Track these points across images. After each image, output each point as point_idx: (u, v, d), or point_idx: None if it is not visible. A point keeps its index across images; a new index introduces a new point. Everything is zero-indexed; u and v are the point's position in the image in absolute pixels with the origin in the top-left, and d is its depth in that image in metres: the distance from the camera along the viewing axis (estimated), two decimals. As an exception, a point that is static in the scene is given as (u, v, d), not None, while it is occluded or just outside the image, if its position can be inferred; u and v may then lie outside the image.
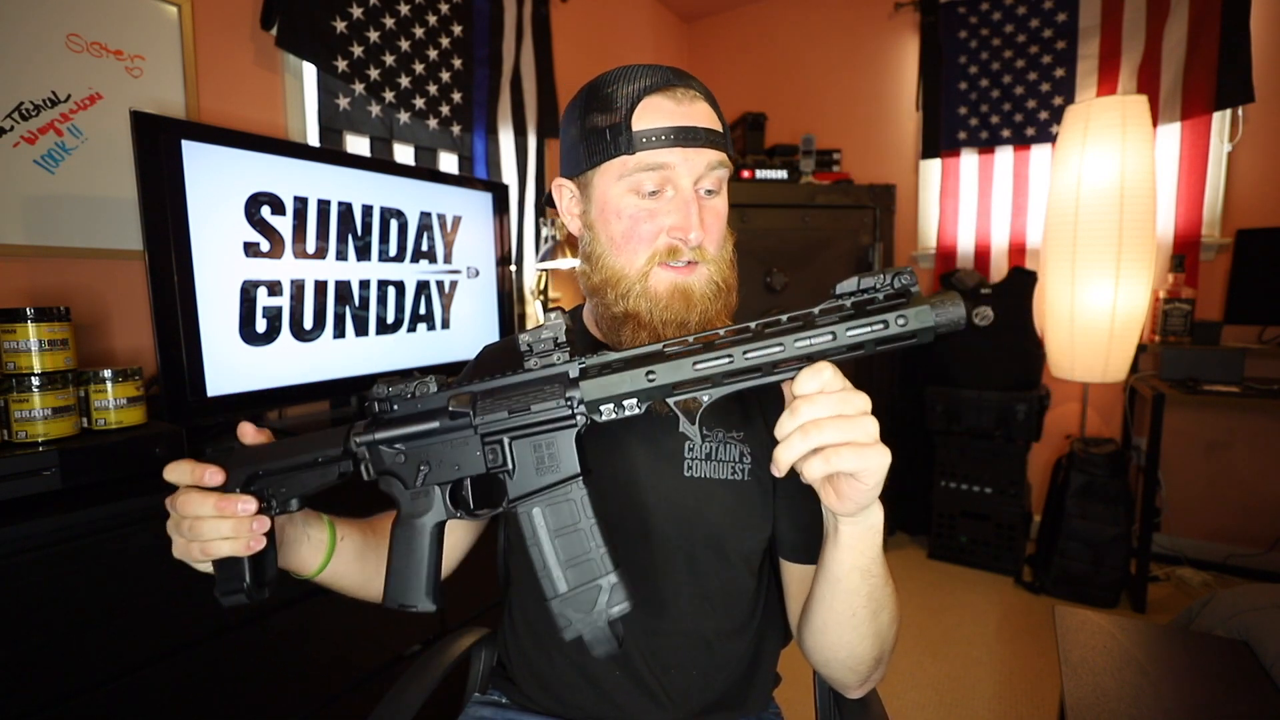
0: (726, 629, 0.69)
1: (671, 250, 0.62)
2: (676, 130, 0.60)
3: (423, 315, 1.59)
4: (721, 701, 0.70)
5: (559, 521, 0.51)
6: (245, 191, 1.21)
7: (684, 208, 0.61)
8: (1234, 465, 2.31)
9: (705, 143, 0.61)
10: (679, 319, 0.62)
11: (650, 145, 0.60)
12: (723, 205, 0.66)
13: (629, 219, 0.62)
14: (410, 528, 0.55)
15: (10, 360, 0.92)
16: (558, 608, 0.50)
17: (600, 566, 0.50)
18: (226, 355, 1.19)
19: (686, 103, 0.61)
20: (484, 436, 0.52)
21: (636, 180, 0.61)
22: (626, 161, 0.61)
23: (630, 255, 0.63)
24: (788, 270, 2.35)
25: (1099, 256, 2.03)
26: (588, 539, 0.50)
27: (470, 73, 2.04)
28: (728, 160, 0.64)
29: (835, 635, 0.57)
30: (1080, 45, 2.44)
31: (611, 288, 0.64)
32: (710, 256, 0.64)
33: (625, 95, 0.61)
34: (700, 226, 0.61)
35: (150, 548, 0.91)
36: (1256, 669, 1.05)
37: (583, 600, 0.50)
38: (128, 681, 0.90)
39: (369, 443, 0.54)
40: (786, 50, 3.08)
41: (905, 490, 2.65)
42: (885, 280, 0.45)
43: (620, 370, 0.48)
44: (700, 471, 0.67)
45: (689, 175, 0.61)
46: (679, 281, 0.62)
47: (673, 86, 0.61)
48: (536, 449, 0.51)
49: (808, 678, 0.76)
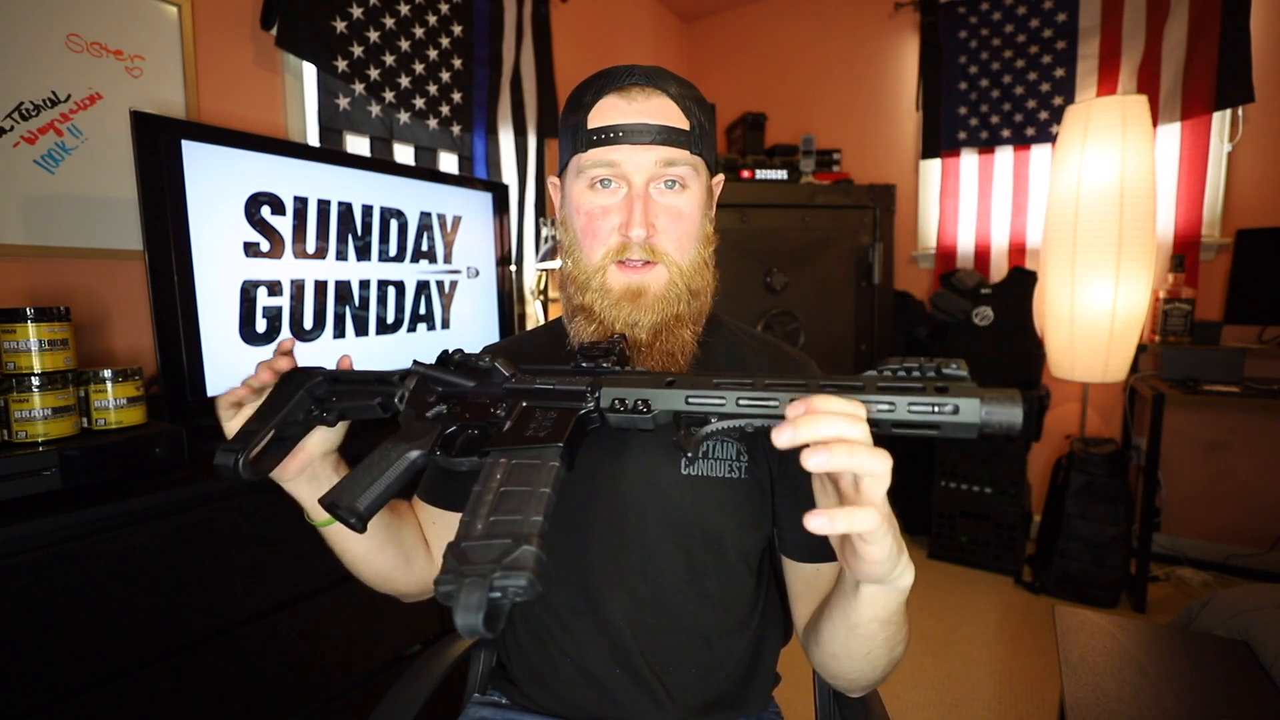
0: (726, 627, 0.69)
1: (622, 247, 0.63)
2: (625, 128, 0.61)
3: (423, 315, 1.59)
4: (721, 700, 0.70)
5: (517, 479, 0.45)
6: (245, 191, 1.21)
7: (627, 204, 0.62)
8: (1234, 465, 2.31)
9: (656, 139, 0.61)
10: (628, 318, 0.63)
11: (600, 143, 0.62)
12: (687, 204, 0.64)
13: (585, 215, 0.64)
14: (393, 448, 0.55)
15: (10, 360, 0.92)
16: (449, 553, 0.40)
17: (525, 528, 0.40)
18: (227, 355, 1.19)
19: (641, 100, 0.62)
20: (506, 393, 0.54)
21: (590, 177, 0.63)
22: (581, 159, 0.63)
23: (589, 251, 0.65)
24: (788, 270, 2.35)
25: (1099, 256, 2.03)
26: (532, 503, 0.42)
27: (470, 73, 2.04)
28: (692, 158, 0.64)
29: (846, 664, 0.57)
30: (1080, 45, 2.44)
31: (573, 282, 0.66)
32: (669, 258, 0.64)
33: (589, 96, 0.63)
34: (645, 224, 0.61)
35: (150, 548, 0.91)
36: (1256, 669, 1.05)
37: (480, 553, 0.40)
38: (128, 681, 0.90)
39: (419, 371, 0.58)
40: (786, 50, 3.08)
41: (905, 490, 2.65)
42: (932, 365, 0.41)
43: (626, 384, 0.49)
44: (698, 469, 0.67)
45: (637, 172, 0.62)
46: (632, 281, 0.63)
47: (630, 86, 0.62)
48: (542, 415, 0.50)
49: (808, 678, 0.76)
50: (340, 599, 1.16)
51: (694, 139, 0.64)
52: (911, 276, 2.84)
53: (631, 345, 0.64)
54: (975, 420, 0.38)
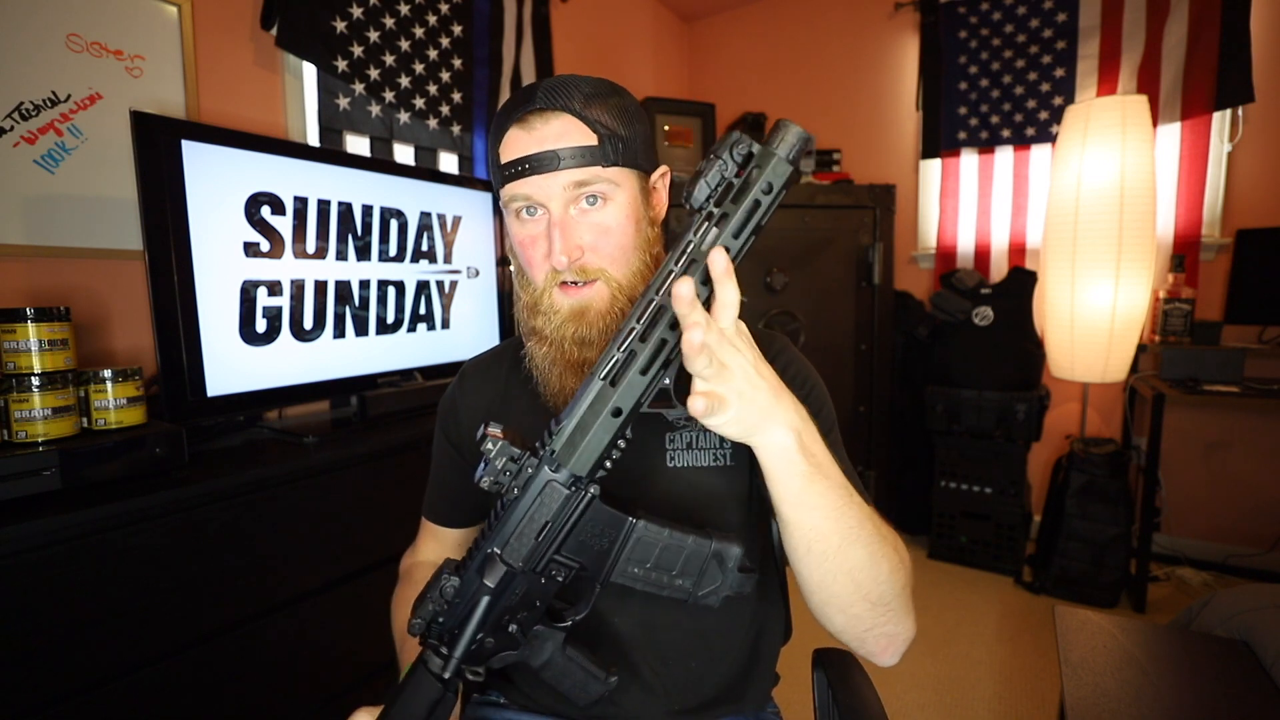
0: (722, 622, 0.69)
1: (555, 272, 0.64)
2: (529, 159, 0.60)
3: (423, 315, 1.59)
4: (720, 696, 0.70)
5: (645, 556, 0.53)
6: (245, 191, 1.21)
7: (546, 235, 0.63)
8: (1234, 465, 2.31)
9: (563, 164, 0.60)
10: (575, 336, 0.64)
11: (511, 177, 0.62)
12: (614, 216, 0.63)
13: (520, 247, 0.66)
14: (550, 667, 0.56)
15: (10, 360, 0.92)
16: (696, 600, 0.53)
17: (701, 551, 0.52)
18: (226, 355, 1.19)
19: (540, 127, 0.61)
20: (535, 569, 0.52)
21: (514, 209, 0.65)
22: (503, 193, 0.64)
23: (533, 279, 0.66)
24: (788, 270, 2.35)
25: (1099, 256, 2.03)
26: (675, 545, 0.53)
27: (470, 73, 2.04)
28: (605, 171, 0.61)
29: (803, 575, 0.56)
30: (1080, 45, 2.44)
31: (525, 306, 0.68)
32: (606, 273, 0.63)
33: (498, 130, 0.64)
34: (567, 250, 0.61)
35: (150, 548, 0.91)
36: (1256, 669, 1.05)
37: (709, 578, 0.53)
38: (128, 681, 0.90)
39: (460, 658, 0.53)
40: (786, 50, 3.08)
41: (905, 490, 2.66)
42: (728, 164, 0.46)
43: (585, 429, 0.49)
44: (683, 461, 0.68)
45: (551, 200, 0.61)
46: (575, 302, 0.64)
47: (527, 115, 0.61)
48: (582, 535, 0.52)
49: (807, 678, 0.76)
50: (340, 599, 1.16)
51: (605, 152, 0.61)
52: (911, 276, 2.84)
53: (579, 363, 0.65)
54: (788, 170, 0.45)
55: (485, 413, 0.75)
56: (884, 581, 0.55)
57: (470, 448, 0.76)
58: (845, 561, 0.53)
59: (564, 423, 0.49)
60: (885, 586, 0.55)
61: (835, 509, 0.52)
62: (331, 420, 1.46)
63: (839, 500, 0.53)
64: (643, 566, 0.53)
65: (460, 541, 0.81)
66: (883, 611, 0.56)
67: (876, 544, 0.55)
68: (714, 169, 0.45)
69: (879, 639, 0.58)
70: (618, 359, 0.48)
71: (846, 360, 2.42)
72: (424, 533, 0.82)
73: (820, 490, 0.52)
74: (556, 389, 0.67)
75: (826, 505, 0.52)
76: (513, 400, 0.75)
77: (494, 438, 0.50)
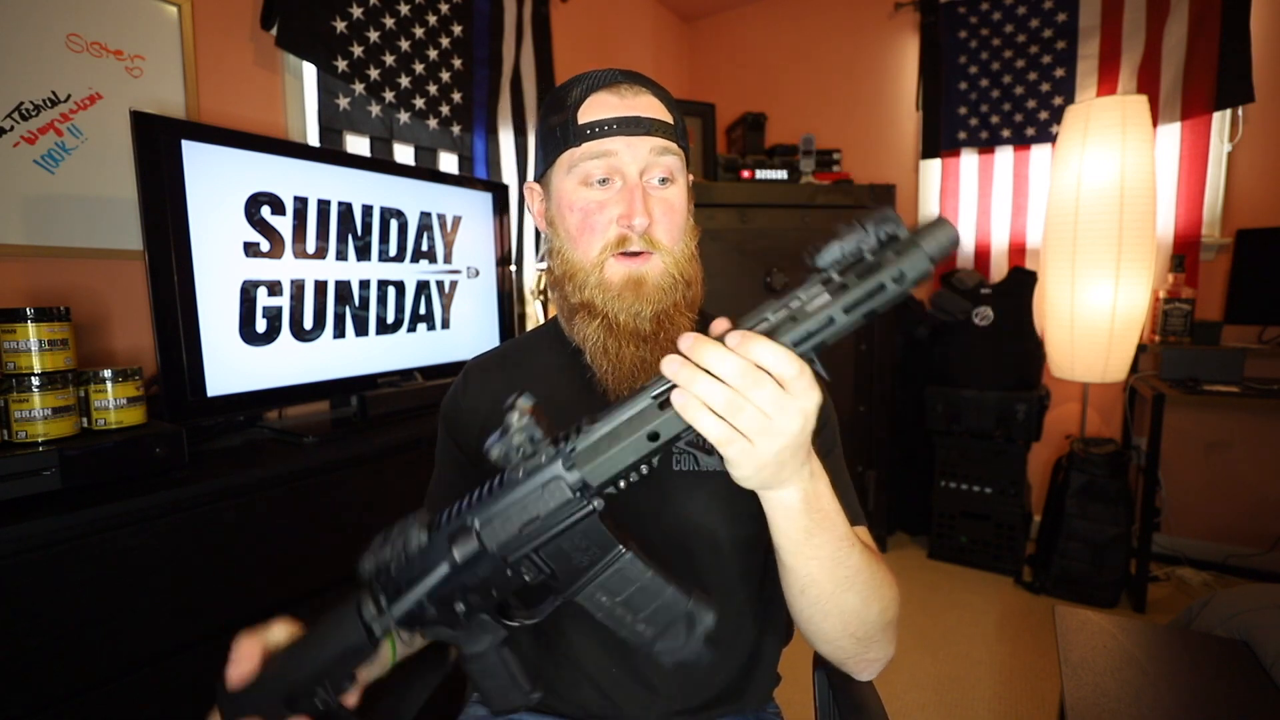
0: (725, 622, 0.69)
1: (621, 239, 0.63)
2: (619, 120, 0.62)
3: (423, 315, 1.59)
4: (721, 696, 0.70)
5: (619, 589, 0.49)
6: (245, 191, 1.21)
7: (629, 195, 0.63)
8: (1234, 465, 2.31)
9: (649, 130, 0.63)
10: (631, 309, 0.64)
11: (594, 135, 0.63)
12: (677, 197, 0.66)
13: (580, 211, 0.65)
14: (480, 659, 0.53)
15: (10, 360, 0.92)
16: (648, 650, 0.49)
17: (675, 606, 0.48)
18: (226, 355, 1.19)
19: (630, 96, 0.64)
20: (506, 558, 0.48)
21: (584, 170, 0.64)
22: (574, 153, 0.64)
23: (585, 247, 0.65)
24: (788, 270, 2.35)
25: (1099, 256, 2.03)
26: (653, 589, 0.49)
27: (470, 73, 2.04)
28: (678, 149, 0.66)
29: (794, 609, 0.57)
30: (1080, 45, 2.44)
31: (570, 280, 0.66)
32: (665, 247, 0.65)
33: (574, 95, 0.65)
34: (646, 214, 0.62)
35: (150, 548, 0.91)
36: (1256, 669, 1.05)
37: (672, 635, 0.49)
38: (128, 681, 0.90)
39: (397, 618, 0.51)
40: (786, 50, 3.08)
41: (905, 490, 2.66)
42: (869, 237, 0.42)
43: (615, 441, 0.45)
44: (688, 464, 0.67)
45: (634, 162, 0.63)
46: (632, 271, 0.64)
47: (617, 84, 0.64)
48: (565, 544, 0.48)
49: (807, 678, 0.76)
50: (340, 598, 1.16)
51: (678, 131, 0.66)
52: (911, 276, 2.84)
53: (634, 335, 0.64)
54: (927, 267, 0.40)
55: (489, 413, 0.74)
56: (872, 621, 0.57)
57: (471, 446, 0.75)
58: (837, 605, 0.55)
59: (596, 426, 0.45)
60: (873, 625, 0.57)
61: (833, 559, 0.53)
62: (331, 420, 1.46)
63: (838, 551, 0.53)
64: (612, 598, 0.49)
65: None
66: (867, 645, 0.58)
67: (870, 590, 0.55)
68: (853, 238, 0.41)
69: (859, 663, 0.61)
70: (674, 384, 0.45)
71: (846, 360, 2.42)
72: None
73: (820, 543, 0.52)
74: (615, 360, 0.65)
75: (824, 556, 0.52)
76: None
77: (522, 411, 0.47)
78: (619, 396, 0.66)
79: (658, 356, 0.64)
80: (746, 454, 0.43)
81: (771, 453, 0.43)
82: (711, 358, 0.42)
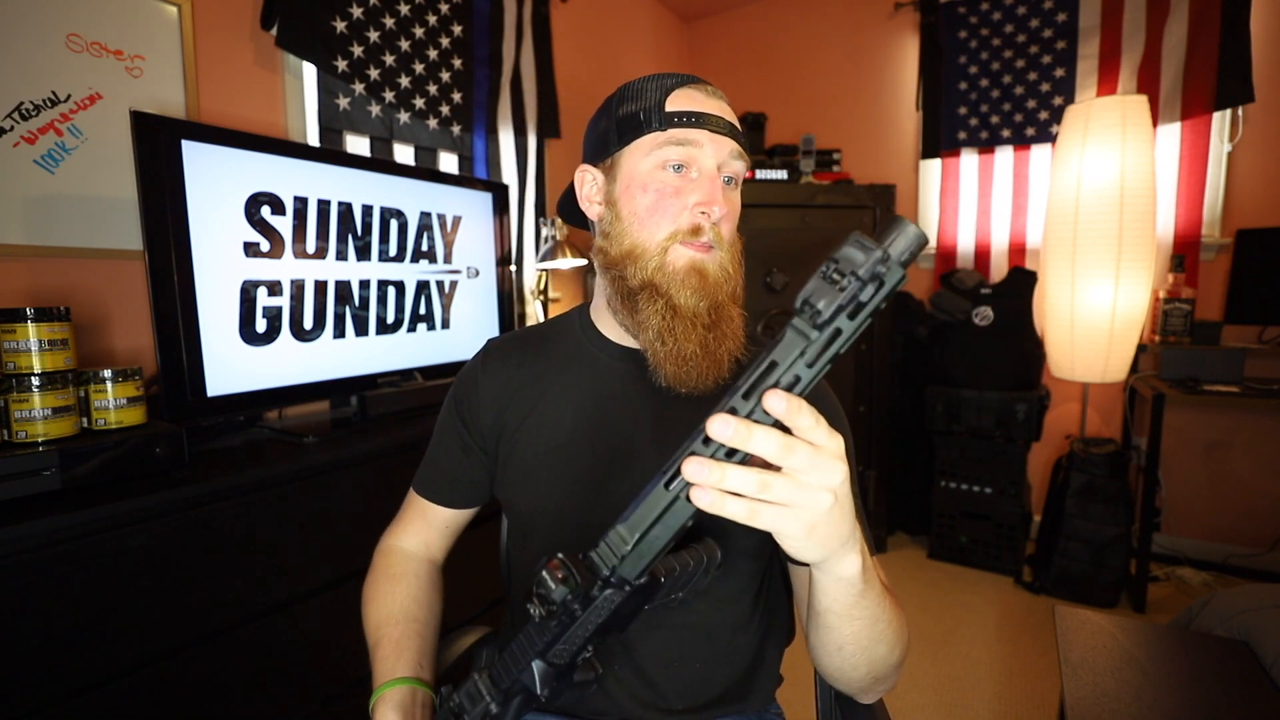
0: (728, 624, 0.69)
1: (695, 229, 0.64)
2: (706, 115, 0.64)
3: (423, 315, 1.59)
4: (724, 697, 0.70)
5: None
6: (245, 191, 1.21)
7: (709, 183, 0.64)
8: (1234, 465, 2.31)
9: (729, 132, 0.65)
10: (694, 295, 0.64)
11: (683, 124, 0.64)
12: (738, 201, 0.69)
13: (655, 193, 0.65)
14: None
15: (10, 360, 0.92)
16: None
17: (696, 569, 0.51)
18: (226, 355, 1.19)
19: (715, 99, 0.67)
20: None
21: (666, 155, 0.65)
22: (658, 137, 0.65)
23: (654, 229, 0.65)
24: (788, 270, 2.35)
25: (1099, 256, 2.03)
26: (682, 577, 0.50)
27: (470, 73, 2.04)
28: (746, 158, 0.68)
29: (824, 658, 0.57)
30: (1080, 45, 2.44)
31: (631, 261, 0.66)
32: (725, 243, 0.66)
33: (658, 86, 0.66)
34: (723, 202, 0.64)
35: (150, 548, 0.91)
36: (1256, 669, 1.05)
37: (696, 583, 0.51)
38: (127, 681, 0.90)
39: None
40: (786, 50, 3.08)
41: (905, 490, 2.66)
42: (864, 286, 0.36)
43: (651, 546, 0.43)
44: None
45: (714, 157, 0.65)
46: (696, 259, 0.64)
47: (703, 84, 0.67)
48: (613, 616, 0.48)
49: (809, 678, 0.76)
50: (340, 598, 1.16)
51: (745, 142, 0.69)
52: (912, 276, 2.84)
53: (695, 320, 0.64)
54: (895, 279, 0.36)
55: (506, 402, 0.73)
56: (892, 664, 0.57)
57: (480, 429, 0.75)
58: (867, 657, 0.55)
59: (630, 542, 0.43)
60: (891, 667, 0.58)
61: (873, 617, 0.52)
62: (331, 420, 1.46)
63: (877, 608, 0.52)
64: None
65: (448, 522, 0.78)
66: (880, 681, 0.59)
67: (895, 637, 0.56)
68: (850, 291, 0.36)
69: (866, 694, 0.62)
70: None
71: (846, 360, 2.42)
72: (410, 509, 0.79)
73: (866, 604, 0.50)
74: (678, 342, 0.63)
75: (868, 615, 0.51)
76: (546, 385, 0.72)
77: (554, 572, 0.45)
78: (676, 383, 0.65)
79: (715, 344, 0.65)
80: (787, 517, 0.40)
81: (823, 511, 0.40)
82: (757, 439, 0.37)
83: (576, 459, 0.68)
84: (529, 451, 0.70)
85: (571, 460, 0.69)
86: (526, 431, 0.71)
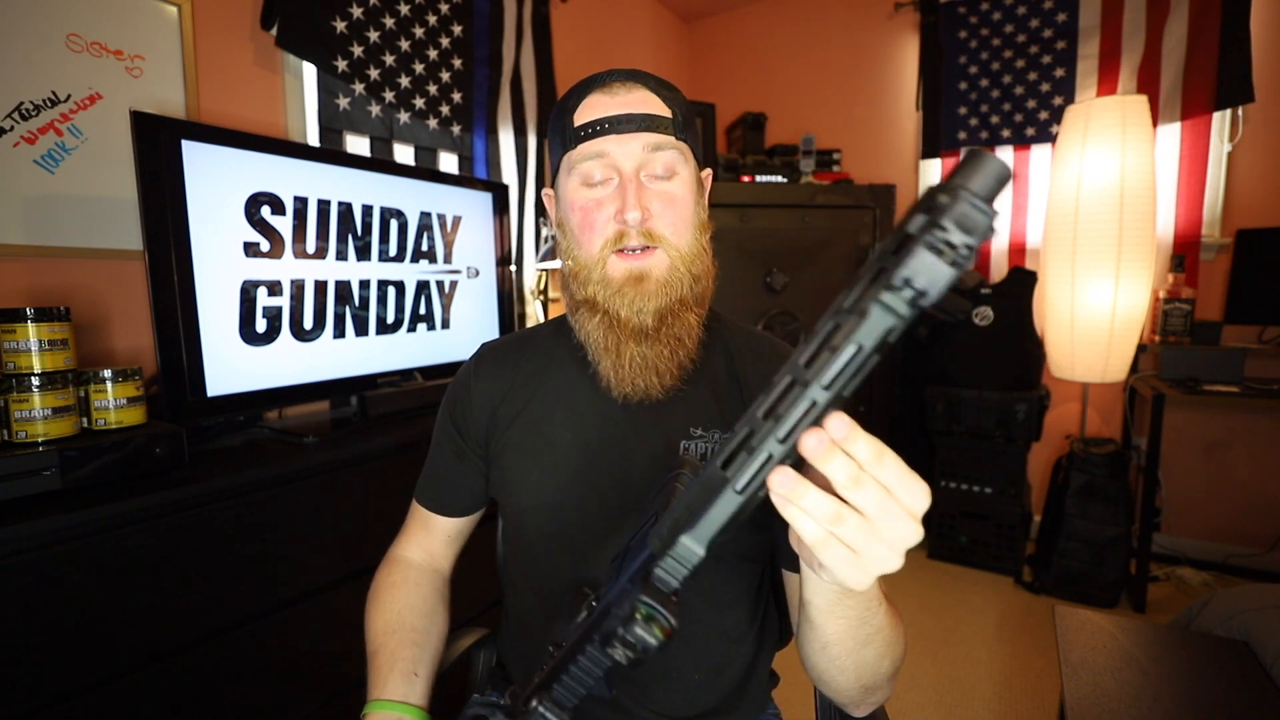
0: (728, 631, 0.69)
1: (619, 235, 0.64)
2: (609, 119, 0.63)
3: (423, 315, 1.59)
4: (720, 706, 0.69)
5: None
6: (245, 191, 1.21)
7: (620, 192, 0.63)
8: (1234, 465, 2.31)
9: (640, 127, 0.63)
10: (632, 305, 0.63)
11: (588, 136, 0.63)
12: (680, 189, 0.65)
13: (580, 210, 0.65)
14: None
15: (10, 360, 0.92)
16: None
17: None
18: (226, 355, 1.19)
19: (623, 94, 0.64)
20: None
21: (582, 171, 0.65)
22: (571, 156, 0.65)
23: (588, 245, 0.65)
24: (788, 270, 2.35)
25: (1099, 256, 2.03)
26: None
27: (470, 73, 2.04)
28: (678, 143, 0.65)
29: (816, 665, 0.57)
30: (1080, 45, 2.44)
31: (574, 278, 0.67)
32: (668, 241, 0.64)
33: (574, 99, 0.66)
34: (640, 208, 0.62)
35: (150, 548, 0.91)
36: (1256, 669, 1.05)
37: None
38: (128, 681, 0.90)
39: None
40: (786, 50, 3.08)
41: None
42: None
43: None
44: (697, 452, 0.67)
45: (626, 159, 0.63)
46: (633, 267, 0.64)
47: (611, 83, 0.65)
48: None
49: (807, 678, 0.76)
50: (340, 598, 1.16)
51: (677, 125, 0.65)
52: (911, 276, 2.84)
53: (638, 332, 0.64)
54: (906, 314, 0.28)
55: (498, 402, 0.73)
56: (883, 674, 0.56)
57: (474, 433, 0.75)
58: (854, 660, 0.54)
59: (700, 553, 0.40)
60: (883, 677, 0.57)
61: (860, 618, 0.51)
62: (331, 420, 1.46)
63: (864, 610, 0.51)
64: None
65: (450, 531, 0.78)
66: (872, 692, 0.58)
67: (886, 645, 0.55)
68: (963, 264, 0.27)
69: (859, 706, 0.61)
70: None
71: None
72: (413, 520, 0.80)
73: (850, 604, 0.50)
74: (616, 357, 0.65)
75: (853, 615, 0.51)
76: (538, 384, 0.73)
77: (650, 628, 0.42)
78: (622, 394, 0.66)
79: (660, 354, 0.64)
80: (849, 565, 0.37)
81: (886, 569, 0.38)
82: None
83: (567, 456, 0.69)
84: (520, 449, 0.71)
85: (563, 458, 0.69)
86: (518, 429, 0.71)
